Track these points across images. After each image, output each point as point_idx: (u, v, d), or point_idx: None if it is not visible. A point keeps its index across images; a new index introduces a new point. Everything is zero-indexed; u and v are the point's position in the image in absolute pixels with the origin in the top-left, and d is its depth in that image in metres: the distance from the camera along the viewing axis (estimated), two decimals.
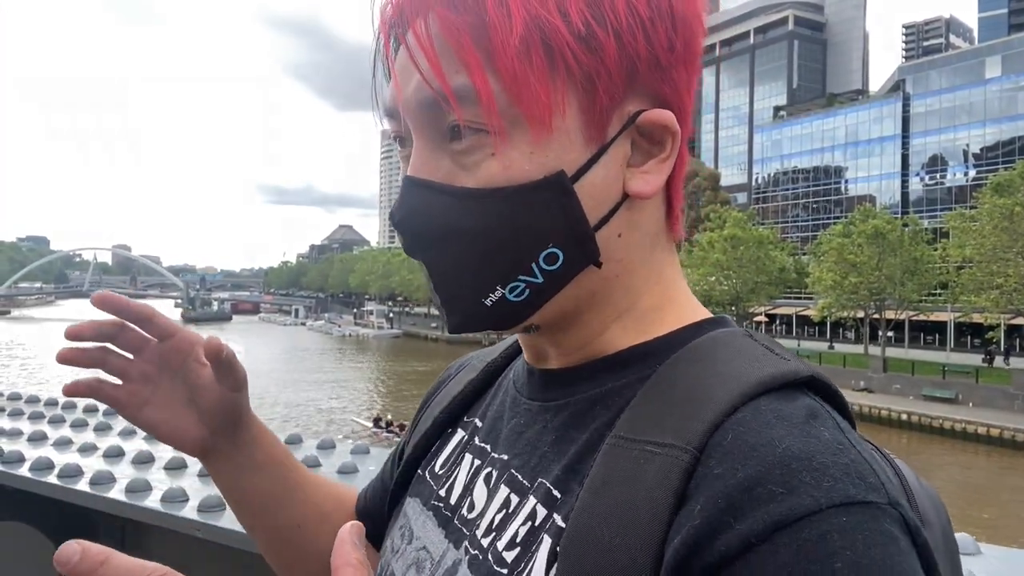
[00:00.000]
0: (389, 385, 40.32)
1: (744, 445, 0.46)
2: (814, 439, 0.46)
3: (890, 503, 0.44)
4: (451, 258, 0.58)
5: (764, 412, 0.48)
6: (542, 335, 0.64)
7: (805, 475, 0.44)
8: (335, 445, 2.06)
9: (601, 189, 0.57)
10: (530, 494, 0.59)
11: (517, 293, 0.58)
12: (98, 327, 0.74)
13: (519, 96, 0.54)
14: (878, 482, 0.45)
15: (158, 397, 0.77)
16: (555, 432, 0.61)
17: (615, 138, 0.57)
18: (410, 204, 0.58)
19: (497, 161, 0.55)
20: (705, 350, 0.57)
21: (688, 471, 0.47)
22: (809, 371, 0.53)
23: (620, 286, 0.61)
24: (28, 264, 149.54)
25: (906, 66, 63.75)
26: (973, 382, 30.46)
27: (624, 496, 0.49)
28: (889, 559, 0.42)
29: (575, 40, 0.53)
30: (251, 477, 0.83)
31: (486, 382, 0.79)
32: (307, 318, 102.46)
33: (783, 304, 53.19)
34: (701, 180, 72.40)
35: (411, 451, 0.80)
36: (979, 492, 21.27)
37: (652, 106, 0.58)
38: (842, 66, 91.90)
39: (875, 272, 36.00)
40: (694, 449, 0.48)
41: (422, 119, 0.57)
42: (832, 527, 0.42)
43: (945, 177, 58.41)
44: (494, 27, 0.53)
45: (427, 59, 0.54)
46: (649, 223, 0.62)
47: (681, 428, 0.49)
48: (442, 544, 0.66)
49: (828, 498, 0.43)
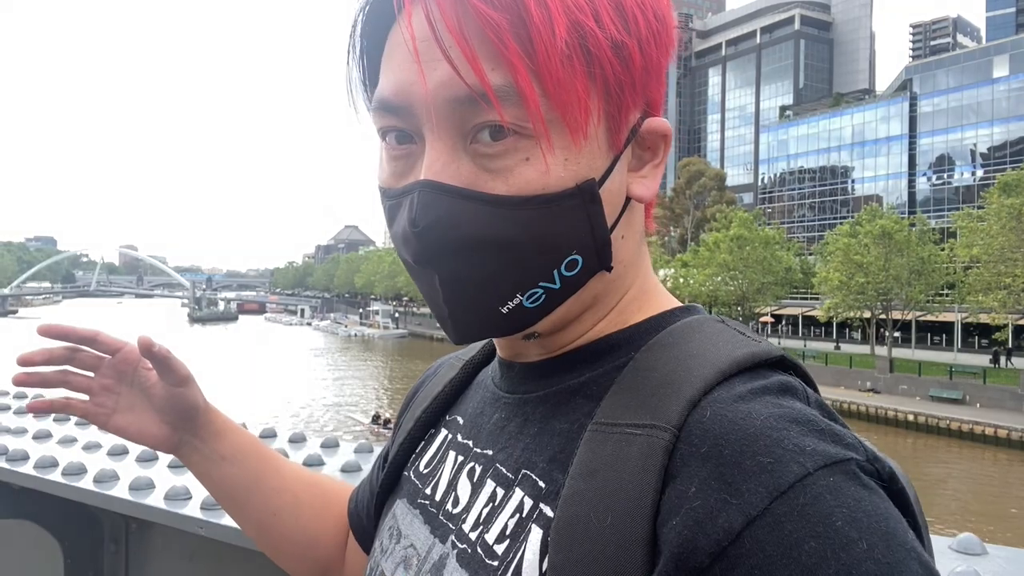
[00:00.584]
0: (396, 385, 40.36)
1: (724, 420, 0.47)
2: (788, 408, 0.48)
3: (867, 458, 0.47)
4: (474, 267, 0.56)
5: (739, 388, 0.50)
6: (535, 339, 0.64)
7: (787, 442, 0.45)
8: (339, 444, 2.05)
9: (615, 195, 0.58)
10: (516, 486, 0.59)
11: (535, 299, 0.57)
12: (49, 354, 0.82)
13: (561, 101, 0.52)
14: (855, 441, 0.48)
15: (121, 405, 0.86)
16: (537, 424, 0.61)
17: (627, 143, 0.58)
18: (436, 212, 0.54)
19: (531, 167, 0.54)
20: (679, 335, 0.58)
21: (669, 449, 0.48)
22: (779, 352, 0.55)
23: (616, 287, 0.63)
24: (35, 264, 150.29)
25: (913, 65, 63.50)
26: (980, 383, 30.29)
27: (610, 480, 0.49)
28: (877, 508, 0.44)
29: (610, 48, 0.53)
30: (220, 468, 0.89)
31: (465, 380, 0.80)
32: (313, 318, 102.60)
33: (789, 304, 53.04)
34: (707, 180, 72.21)
35: (396, 453, 0.81)
36: (987, 494, 21.16)
37: (644, 111, 0.59)
38: (849, 66, 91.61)
39: (882, 272, 35.87)
40: (673, 428, 0.49)
41: (448, 117, 0.54)
42: (823, 488, 0.44)
43: (952, 177, 58.23)
44: (536, 28, 0.51)
45: (463, 52, 0.51)
46: (640, 224, 0.64)
47: (659, 409, 0.50)
48: (428, 540, 0.66)
49: (813, 461, 0.45)
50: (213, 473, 0.90)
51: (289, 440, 2.12)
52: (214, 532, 1.47)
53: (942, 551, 1.29)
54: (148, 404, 0.87)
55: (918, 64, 63.41)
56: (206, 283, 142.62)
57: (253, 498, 0.90)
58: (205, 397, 0.90)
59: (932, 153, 59.29)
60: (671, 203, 75.46)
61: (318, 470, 1.84)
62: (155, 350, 0.82)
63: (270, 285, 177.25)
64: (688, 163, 77.09)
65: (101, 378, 0.86)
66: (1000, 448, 25.63)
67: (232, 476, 0.90)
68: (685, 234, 72.37)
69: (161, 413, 0.87)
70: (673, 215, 74.93)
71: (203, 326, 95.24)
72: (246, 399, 34.27)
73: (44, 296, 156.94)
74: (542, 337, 0.64)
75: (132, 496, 1.60)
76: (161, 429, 0.87)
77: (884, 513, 0.44)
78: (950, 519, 18.39)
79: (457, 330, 0.60)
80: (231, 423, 0.93)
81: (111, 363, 0.86)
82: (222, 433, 0.91)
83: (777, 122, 78.14)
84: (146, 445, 0.88)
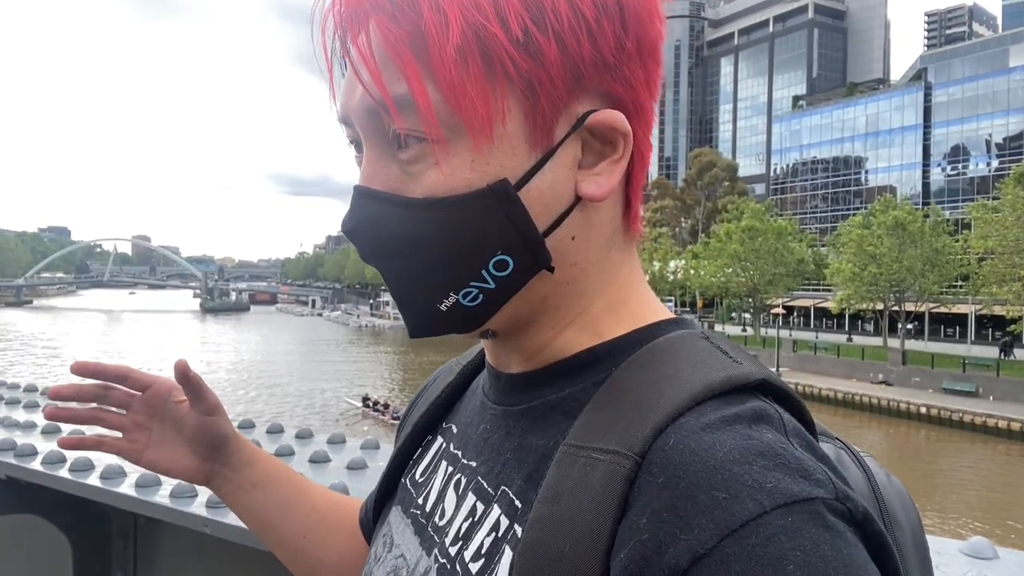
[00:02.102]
0: (406, 375, 40.51)
1: (686, 450, 0.46)
2: (756, 441, 0.46)
3: (836, 497, 0.44)
4: (403, 266, 0.59)
5: (708, 415, 0.48)
6: (500, 340, 0.64)
7: (747, 478, 0.43)
8: (345, 440, 2.05)
9: (550, 194, 0.57)
10: (494, 503, 0.59)
11: (471, 298, 0.58)
12: (78, 389, 0.85)
13: (458, 105, 0.53)
14: (825, 477, 0.45)
15: (154, 440, 0.88)
16: (517, 439, 0.61)
17: (562, 141, 0.57)
18: (360, 214, 0.59)
19: (439, 171, 0.55)
20: (659, 353, 0.57)
21: (630, 478, 0.47)
22: (761, 374, 0.52)
23: (575, 290, 0.61)
24: (49, 255, 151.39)
25: (928, 55, 62.90)
26: (994, 375, 30.06)
27: (571, 507, 0.48)
28: (839, 554, 0.42)
29: (513, 46, 0.53)
30: (252, 495, 0.91)
31: (462, 386, 0.80)
32: (324, 309, 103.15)
33: (801, 296, 52.82)
34: (718, 171, 71.89)
35: (394, 459, 0.82)
36: (999, 489, 21.03)
37: (604, 106, 0.57)
38: (863, 55, 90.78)
39: (895, 264, 35.63)
40: (636, 455, 0.47)
41: (368, 128, 0.58)
42: (778, 529, 0.41)
43: (967, 167, 57.72)
44: (431, 36, 0.52)
45: (368, 69, 0.55)
46: (605, 225, 0.61)
47: (626, 434, 0.49)
48: (417, 552, 0.66)
49: (772, 499, 0.42)
50: (246, 501, 0.91)
51: (296, 436, 2.12)
52: (219, 531, 1.47)
53: (952, 554, 1.28)
54: (179, 437, 0.89)
55: (933, 53, 62.82)
56: (218, 273, 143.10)
57: (285, 522, 0.92)
58: (234, 427, 0.92)
59: (947, 143, 58.77)
60: (682, 194, 75.22)
61: (324, 467, 1.84)
62: (190, 375, 0.85)
63: (281, 276, 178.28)
64: (699, 154, 76.75)
65: (133, 415, 0.88)
66: (1013, 441, 25.45)
67: (263, 503, 0.91)
68: (696, 225, 72.13)
69: (192, 445, 0.89)
70: (684, 206, 74.69)
71: (215, 316, 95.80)
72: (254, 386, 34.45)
73: (59, 286, 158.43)
74: (506, 339, 0.64)
75: (138, 493, 1.60)
76: (193, 461, 0.89)
77: (845, 560, 0.42)
78: (960, 515, 18.30)
79: (408, 324, 0.62)
80: (259, 450, 0.95)
81: (142, 399, 0.88)
82: (252, 461, 0.92)
83: (790, 112, 77.65)
84: (180, 478, 0.90)
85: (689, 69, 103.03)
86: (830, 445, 0.64)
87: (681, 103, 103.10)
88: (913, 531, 0.62)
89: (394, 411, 25.51)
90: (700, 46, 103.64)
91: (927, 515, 17.71)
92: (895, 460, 23.73)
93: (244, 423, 2.28)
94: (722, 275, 44.71)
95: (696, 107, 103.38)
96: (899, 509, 0.62)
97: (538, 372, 0.63)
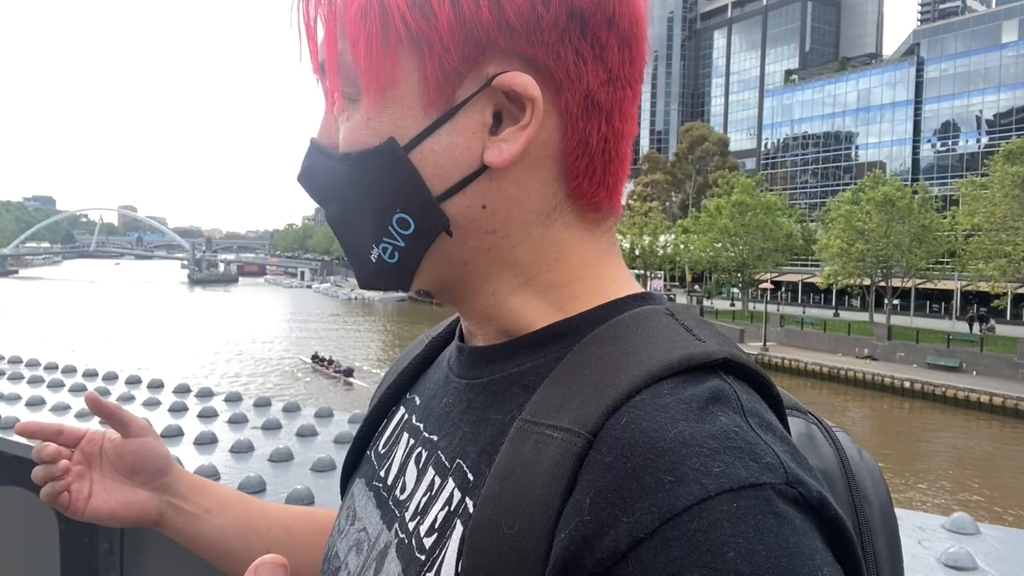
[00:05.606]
0: (397, 347, 40.52)
1: (636, 430, 0.45)
2: (709, 423, 0.45)
3: (788, 482, 0.43)
4: (338, 214, 0.63)
5: (664, 395, 0.47)
6: (446, 305, 0.66)
7: (694, 460, 0.43)
8: (332, 414, 2.05)
9: (445, 156, 0.56)
10: (449, 476, 0.58)
11: (388, 255, 0.60)
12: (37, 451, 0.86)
13: (358, 65, 0.56)
14: (776, 462, 0.44)
15: (96, 488, 0.87)
16: (476, 412, 0.60)
17: (463, 104, 0.55)
18: (306, 163, 0.64)
19: (345, 127, 0.59)
20: (621, 329, 0.55)
21: (581, 456, 0.46)
22: (723, 353, 0.51)
23: (501, 259, 0.60)
24: (35, 224, 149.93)
25: (921, 29, 62.62)
26: (977, 351, 30.44)
27: (522, 483, 0.48)
28: (784, 542, 0.41)
29: (407, 6, 0.53)
30: (208, 522, 0.89)
31: (428, 358, 0.79)
32: (313, 281, 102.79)
33: (789, 271, 53.06)
34: (709, 145, 71.69)
35: (361, 430, 0.81)
36: (980, 462, 21.40)
37: (524, 71, 0.55)
38: (856, 29, 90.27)
39: (883, 240, 35.81)
40: (588, 434, 0.47)
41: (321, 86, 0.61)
42: (722, 515, 0.41)
43: (957, 144, 57.81)
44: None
45: (308, 33, 0.59)
46: (531, 198, 0.59)
47: (580, 412, 0.48)
48: (378, 526, 0.66)
49: (717, 484, 0.42)
50: (202, 528, 0.89)
51: (283, 409, 2.12)
52: None
53: (935, 530, 1.29)
54: (121, 476, 0.87)
55: (926, 28, 62.53)
56: (206, 245, 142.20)
57: (247, 544, 0.89)
58: (170, 452, 0.91)
59: (937, 119, 58.76)
60: (673, 168, 75.03)
61: (312, 440, 1.83)
62: (104, 405, 0.85)
63: (270, 247, 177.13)
64: (691, 128, 76.43)
65: (74, 465, 0.87)
66: (995, 416, 25.85)
67: (221, 528, 0.89)
68: (687, 199, 72.08)
69: (135, 475, 0.87)
70: (675, 180, 74.54)
71: (203, 288, 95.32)
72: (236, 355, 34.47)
73: (44, 256, 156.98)
74: (449, 303, 0.66)
75: None
76: (140, 494, 0.87)
77: (790, 548, 0.41)
78: (940, 483, 18.62)
79: (355, 273, 0.65)
80: (204, 479, 0.93)
81: (78, 449, 0.88)
82: (200, 486, 0.91)
83: (782, 87, 77.28)
84: (130, 521, 0.87)
85: (682, 42, 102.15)
86: (801, 420, 0.64)
87: (673, 76, 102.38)
88: (882, 508, 0.62)
89: (336, 365, 30.28)
90: (693, 18, 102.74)
91: (909, 487, 18.01)
92: (878, 433, 24.07)
93: (231, 395, 2.28)
94: (711, 250, 44.82)
95: (688, 80, 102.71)
96: (869, 485, 0.62)
97: (501, 346, 0.62)
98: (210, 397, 2.29)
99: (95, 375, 2.55)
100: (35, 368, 2.68)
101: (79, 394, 2.29)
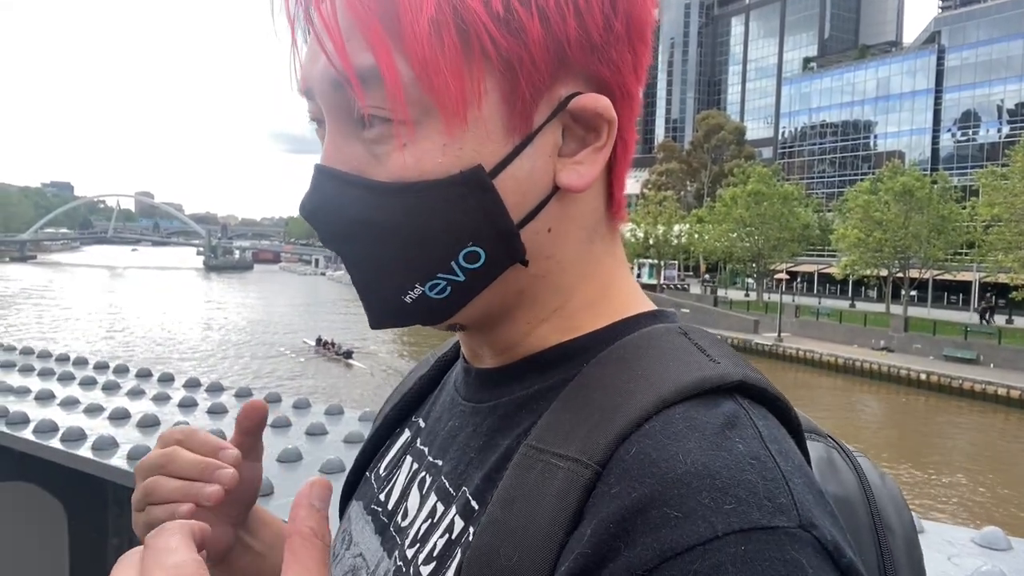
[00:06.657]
0: (403, 333, 40.62)
1: (646, 460, 0.43)
2: (725, 452, 0.43)
3: (801, 526, 0.41)
4: (366, 253, 0.54)
5: (676, 422, 0.45)
6: (471, 333, 0.61)
7: (704, 496, 0.40)
8: (343, 412, 2.02)
9: (526, 182, 0.53)
10: (453, 503, 0.56)
11: (439, 291, 0.54)
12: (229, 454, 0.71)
13: (430, 84, 0.49)
14: (790, 503, 0.41)
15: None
16: (483, 437, 0.58)
17: (542, 127, 0.53)
18: (320, 195, 0.55)
19: (408, 153, 0.51)
20: (631, 349, 0.53)
21: (588, 488, 0.44)
22: (739, 374, 0.49)
23: (550, 284, 0.57)
24: (53, 210, 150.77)
25: (942, 17, 61.50)
26: (996, 343, 30.02)
27: (525, 513, 0.46)
28: None
29: (493, 22, 0.49)
30: (268, 560, 0.77)
31: (435, 379, 0.76)
32: (327, 268, 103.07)
33: (805, 262, 52.63)
34: (726, 134, 71.12)
35: (363, 451, 0.78)
36: (999, 456, 21.17)
37: (588, 90, 0.53)
38: (876, 16, 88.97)
39: (901, 230, 35.39)
40: (596, 464, 0.45)
41: (332, 103, 0.53)
42: (727, 558, 0.38)
43: (978, 133, 56.98)
44: (403, 4, 0.48)
45: (331, 38, 0.50)
46: (585, 217, 0.57)
47: (588, 440, 0.46)
48: (378, 552, 0.63)
49: (726, 524, 0.39)
50: (264, 568, 0.76)
51: (294, 406, 2.09)
52: None
53: (964, 544, 1.24)
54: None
55: (948, 15, 61.41)
56: (221, 231, 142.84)
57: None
58: None
59: (958, 109, 57.91)
60: (688, 157, 74.51)
61: (321, 440, 1.81)
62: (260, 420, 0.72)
63: (285, 234, 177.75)
64: (707, 116, 75.81)
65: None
66: (1012, 409, 25.54)
67: (275, 568, 0.75)
68: (702, 189, 71.60)
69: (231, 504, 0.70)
70: (690, 169, 74.05)
71: (219, 274, 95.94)
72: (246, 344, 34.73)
73: (62, 242, 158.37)
74: (477, 333, 0.61)
75: (129, 466, 1.57)
76: (227, 531, 0.72)
77: None
78: (955, 479, 18.45)
79: (369, 314, 0.57)
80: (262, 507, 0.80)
81: None
82: (265, 519, 0.78)
83: (800, 75, 76.50)
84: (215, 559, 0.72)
85: (699, 29, 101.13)
86: (821, 444, 0.61)
87: (690, 64, 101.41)
88: (906, 536, 0.60)
89: (338, 347, 30.97)
90: (711, 5, 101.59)
91: (925, 485, 17.86)
92: (894, 426, 23.87)
93: (241, 391, 2.26)
94: (726, 240, 44.52)
95: (705, 68, 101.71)
96: (892, 513, 0.59)
97: (509, 367, 0.59)
98: (220, 392, 2.27)
99: (105, 367, 2.54)
100: (46, 360, 2.67)
101: (90, 388, 2.28)
